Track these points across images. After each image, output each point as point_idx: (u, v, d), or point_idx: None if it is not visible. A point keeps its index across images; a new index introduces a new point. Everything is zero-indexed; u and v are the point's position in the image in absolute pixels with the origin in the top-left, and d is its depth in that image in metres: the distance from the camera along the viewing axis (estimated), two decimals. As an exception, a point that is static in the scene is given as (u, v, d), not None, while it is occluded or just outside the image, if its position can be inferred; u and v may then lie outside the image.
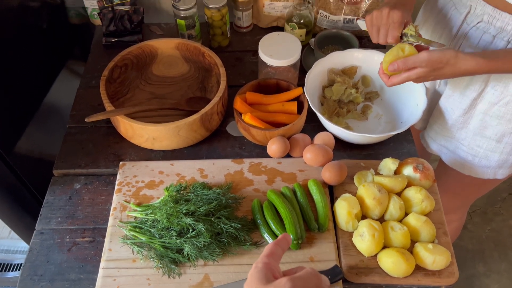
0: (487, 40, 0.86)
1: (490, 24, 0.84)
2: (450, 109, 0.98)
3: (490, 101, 0.90)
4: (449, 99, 0.97)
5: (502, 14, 0.82)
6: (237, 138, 1.01)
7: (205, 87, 1.08)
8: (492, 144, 0.95)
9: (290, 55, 1.00)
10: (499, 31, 0.84)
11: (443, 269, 0.79)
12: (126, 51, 1.02)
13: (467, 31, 0.89)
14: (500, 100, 0.89)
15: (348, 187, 0.90)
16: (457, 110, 0.96)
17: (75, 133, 1.02)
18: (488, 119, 0.93)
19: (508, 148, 0.95)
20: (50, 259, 0.83)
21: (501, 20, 0.82)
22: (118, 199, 0.88)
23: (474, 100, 0.93)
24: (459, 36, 0.91)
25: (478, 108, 0.93)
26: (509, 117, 0.90)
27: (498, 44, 0.85)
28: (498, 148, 0.96)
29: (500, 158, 0.97)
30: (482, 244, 1.79)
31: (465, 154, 1.01)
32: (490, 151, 0.97)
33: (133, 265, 0.80)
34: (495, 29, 0.84)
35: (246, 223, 0.83)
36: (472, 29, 0.88)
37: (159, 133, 0.91)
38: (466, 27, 0.89)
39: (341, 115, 1.03)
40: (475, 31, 0.87)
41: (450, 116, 0.98)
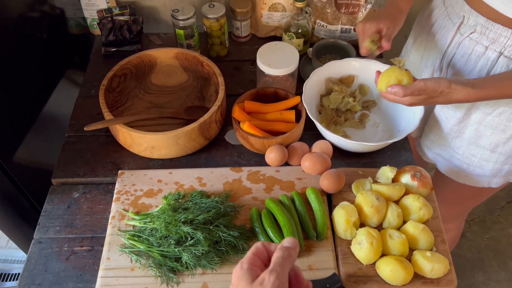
0: (480, 51, 0.87)
1: (483, 34, 0.85)
2: (445, 118, 0.99)
3: (484, 111, 0.91)
4: (444, 108, 0.98)
5: (494, 26, 0.83)
6: (235, 147, 1.01)
7: (203, 96, 1.09)
8: (486, 153, 0.96)
9: (288, 64, 1.00)
10: (492, 42, 0.85)
11: (442, 277, 0.79)
12: (125, 61, 1.03)
13: (460, 41, 0.90)
14: (493, 110, 0.90)
15: (346, 195, 0.90)
16: (452, 119, 0.97)
17: (74, 142, 1.02)
18: (482, 129, 0.93)
19: (502, 158, 0.96)
20: (48, 268, 0.83)
21: (494, 31, 0.83)
22: (117, 208, 0.88)
23: (468, 109, 0.94)
24: (453, 46, 0.92)
25: (473, 117, 0.94)
26: (502, 128, 0.91)
27: (490, 55, 0.86)
28: (492, 158, 0.96)
29: (494, 168, 0.98)
30: (481, 253, 1.78)
31: (460, 162, 1.01)
32: (485, 161, 0.97)
33: (132, 274, 0.79)
34: (488, 40, 0.85)
35: (244, 232, 0.83)
36: (465, 40, 0.89)
37: (157, 141, 0.91)
38: (459, 37, 0.90)
39: (339, 123, 1.04)
40: (468, 42, 0.89)
41: (445, 125, 0.99)
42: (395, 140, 0.93)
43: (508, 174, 0.99)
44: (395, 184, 0.89)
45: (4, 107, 0.99)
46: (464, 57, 0.90)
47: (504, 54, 0.84)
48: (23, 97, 1.07)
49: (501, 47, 0.84)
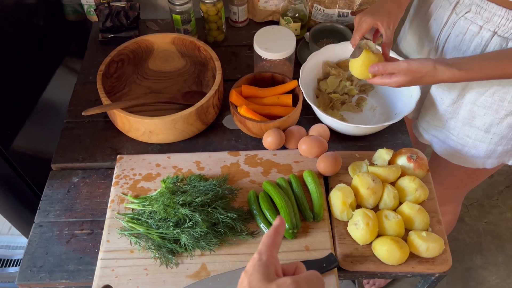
0: (474, 30, 0.87)
1: (478, 14, 0.85)
2: (440, 99, 0.99)
3: (477, 91, 0.91)
4: (439, 89, 0.98)
5: (489, 5, 0.83)
6: (233, 131, 1.02)
7: (201, 81, 1.09)
8: (480, 134, 0.96)
9: (285, 48, 1.01)
10: (486, 21, 0.85)
11: (437, 257, 0.80)
12: (122, 46, 1.03)
13: (455, 21, 0.90)
14: (486, 90, 0.90)
15: (343, 177, 0.91)
16: (446, 100, 0.98)
17: (72, 128, 1.03)
18: (476, 109, 0.94)
19: (496, 138, 0.96)
20: (49, 251, 0.84)
21: (488, 10, 0.84)
22: (116, 192, 0.89)
23: (462, 90, 0.94)
24: (448, 25, 0.92)
25: (467, 98, 0.94)
26: (495, 108, 0.91)
27: (484, 34, 0.86)
28: (486, 138, 0.97)
29: (488, 148, 0.98)
30: (480, 237, 1.80)
31: (455, 143, 1.02)
32: (479, 141, 0.98)
33: (131, 256, 0.81)
34: (482, 19, 0.85)
35: (242, 214, 0.84)
36: (461, 19, 0.89)
37: (155, 126, 0.92)
38: (454, 17, 0.90)
39: (336, 107, 1.04)
40: (463, 21, 0.89)
41: (440, 106, 0.99)
42: (392, 122, 0.94)
43: (502, 155, 1.00)
44: (391, 166, 0.89)
45: (3, 95, 0.99)
46: (458, 37, 0.90)
47: (497, 33, 0.84)
48: (22, 84, 1.07)
49: (495, 26, 0.84)
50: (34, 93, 1.12)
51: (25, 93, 1.09)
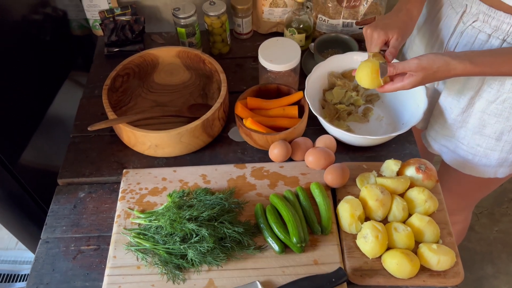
0: (483, 39, 0.86)
1: (486, 23, 0.85)
2: (449, 108, 0.98)
3: (487, 99, 0.90)
4: (448, 98, 0.98)
5: (497, 13, 0.82)
6: (239, 144, 1.02)
7: (206, 94, 1.09)
8: (492, 142, 0.95)
9: (290, 60, 1.00)
10: (495, 29, 0.84)
11: (448, 270, 0.79)
12: (127, 60, 1.04)
13: (463, 30, 0.89)
14: (497, 98, 0.89)
15: (351, 189, 0.90)
16: (456, 109, 0.96)
17: (78, 143, 1.03)
18: (487, 118, 0.93)
19: (507, 146, 0.95)
20: (56, 268, 0.84)
21: (496, 18, 0.83)
22: (122, 207, 0.89)
23: (471, 98, 0.93)
24: (456, 35, 0.91)
25: (476, 106, 0.93)
26: (506, 115, 0.90)
27: (494, 42, 0.85)
28: (497, 146, 0.95)
29: (500, 157, 0.97)
30: (490, 246, 1.77)
31: (465, 153, 1.00)
32: (490, 150, 0.96)
33: (138, 272, 0.80)
34: (491, 28, 0.84)
35: (249, 228, 0.83)
36: (468, 28, 0.88)
37: (161, 140, 0.91)
38: (462, 26, 0.89)
39: (342, 118, 1.03)
40: (471, 30, 0.88)
41: (449, 115, 0.98)
42: (399, 133, 0.93)
43: (499, 161, 0.98)
44: (399, 177, 0.88)
45: (10, 109, 1.00)
46: (467, 46, 0.89)
47: (507, 41, 0.83)
48: (28, 99, 1.08)
49: (504, 34, 0.83)
50: (41, 108, 1.13)
51: (32, 107, 1.09)
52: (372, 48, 0.87)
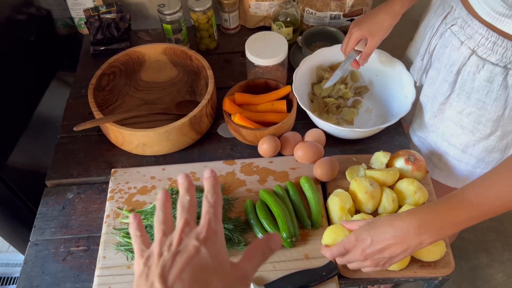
0: (455, 45, 0.84)
1: (462, 29, 0.82)
2: (424, 110, 0.97)
3: (455, 109, 0.88)
4: (424, 99, 0.96)
5: (473, 21, 0.80)
6: (228, 140, 1.01)
7: (194, 90, 1.08)
8: (458, 153, 0.93)
9: (277, 54, 1.00)
10: (468, 37, 0.81)
11: (439, 260, 0.79)
12: (113, 59, 1.02)
13: (443, 31, 0.87)
14: (463, 109, 0.87)
15: (341, 182, 0.90)
16: (429, 111, 0.95)
17: (66, 143, 1.02)
18: (454, 127, 0.90)
19: (473, 160, 0.92)
20: (45, 270, 0.83)
21: (471, 27, 0.80)
22: (111, 207, 0.88)
23: (442, 104, 0.91)
24: (437, 35, 0.89)
25: (446, 114, 0.91)
26: (471, 129, 0.88)
27: (463, 51, 0.82)
28: (463, 158, 0.93)
29: (466, 169, 0.94)
30: (485, 235, 1.78)
31: (437, 159, 0.99)
32: (457, 160, 0.94)
33: (128, 272, 0.79)
34: (465, 35, 0.82)
35: (239, 224, 0.83)
36: (447, 31, 0.86)
37: (149, 138, 0.91)
38: (443, 27, 0.87)
39: (331, 111, 1.03)
40: (448, 33, 0.86)
41: (425, 115, 0.97)
42: (388, 124, 0.92)
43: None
44: (389, 169, 0.88)
45: (-5, 111, 0.99)
46: (441, 49, 0.88)
47: (476, 53, 0.80)
48: (15, 100, 1.06)
49: (474, 44, 0.80)
50: (28, 109, 1.12)
51: (19, 108, 1.08)
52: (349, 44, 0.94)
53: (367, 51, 0.93)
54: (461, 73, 0.84)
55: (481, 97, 0.83)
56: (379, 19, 0.91)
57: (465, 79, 0.84)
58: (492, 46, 0.78)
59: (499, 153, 0.90)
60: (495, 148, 0.89)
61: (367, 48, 0.93)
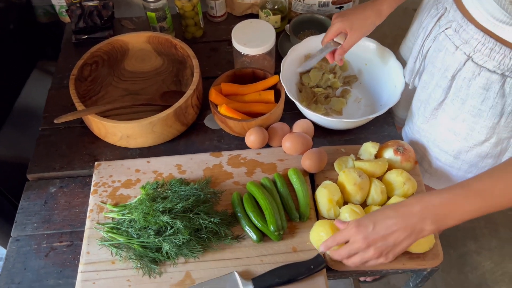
0: (450, 50, 0.80)
1: (457, 33, 0.79)
2: (416, 113, 0.94)
3: (449, 115, 0.85)
4: (417, 102, 0.93)
5: (469, 26, 0.76)
6: (215, 131, 0.99)
7: (180, 80, 1.06)
8: (450, 159, 0.91)
9: (265, 43, 0.97)
10: (463, 42, 0.78)
11: (427, 252, 0.78)
12: (95, 48, 0.99)
13: (437, 34, 0.84)
14: (457, 116, 0.84)
15: (329, 174, 0.88)
16: (421, 116, 0.92)
17: (48, 135, 0.99)
18: (447, 133, 0.88)
19: (465, 166, 0.90)
20: (28, 266, 0.81)
21: (467, 31, 0.77)
22: (95, 201, 0.86)
23: (435, 109, 0.88)
24: (430, 38, 0.86)
25: (439, 119, 0.88)
26: (464, 136, 0.85)
27: (459, 57, 0.79)
28: (455, 164, 0.91)
29: (458, 175, 0.92)
30: (473, 222, 1.79)
31: (427, 164, 0.97)
32: (448, 166, 0.92)
33: (113, 267, 0.78)
34: (460, 39, 0.78)
35: (226, 217, 0.81)
36: (441, 35, 0.82)
37: (132, 130, 0.88)
38: (437, 30, 0.84)
39: (320, 101, 1.01)
40: (442, 37, 0.82)
41: (417, 119, 0.94)
42: (377, 114, 0.91)
43: None
44: (377, 160, 0.87)
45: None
46: (435, 52, 0.84)
47: (472, 59, 0.76)
48: (-6, 91, 1.03)
49: (470, 50, 0.77)
50: (8, 100, 1.08)
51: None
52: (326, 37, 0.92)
53: (345, 46, 0.90)
54: (456, 78, 0.81)
55: (476, 104, 0.80)
56: (364, 15, 0.88)
57: (460, 85, 0.80)
58: (489, 52, 0.74)
59: (493, 159, 0.87)
60: (488, 154, 0.86)
61: (345, 42, 0.90)
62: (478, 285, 1.63)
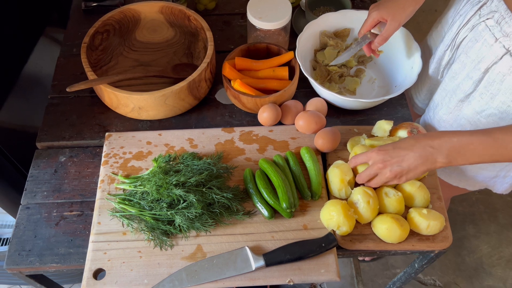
0: (489, 42, 0.78)
1: (498, 24, 0.77)
2: (440, 104, 0.93)
3: (475, 108, 0.85)
4: (443, 92, 0.92)
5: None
6: (226, 106, 0.98)
7: (191, 53, 1.04)
8: None
9: (280, 18, 0.95)
10: (504, 35, 0.76)
11: (437, 234, 0.79)
12: (107, 16, 0.97)
13: (475, 24, 0.81)
14: (483, 110, 0.83)
15: (341, 153, 0.88)
16: (445, 107, 0.91)
17: (57, 104, 0.98)
18: (469, 127, 0.87)
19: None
20: (38, 234, 0.81)
21: (509, 24, 0.75)
22: (106, 171, 0.86)
23: (460, 101, 0.87)
24: (468, 27, 0.84)
25: (463, 112, 0.87)
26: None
27: (496, 49, 0.77)
28: None
29: (472, 170, 0.92)
30: (472, 207, 1.81)
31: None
32: None
33: (124, 238, 0.78)
34: (501, 32, 0.76)
35: (238, 193, 0.81)
36: (481, 24, 0.80)
37: (145, 102, 0.87)
38: (477, 19, 0.81)
39: (334, 80, 1.00)
40: (482, 27, 0.80)
41: (439, 110, 0.93)
42: (392, 96, 0.90)
43: (486, 179, 0.94)
44: (388, 137, 0.86)
45: (-19, 68, 0.93)
46: (471, 42, 0.82)
47: (511, 53, 0.75)
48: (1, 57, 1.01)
49: (510, 44, 0.75)
50: (15, 67, 1.06)
51: (5, 66, 1.02)
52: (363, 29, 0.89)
53: (385, 34, 0.87)
54: (490, 72, 0.79)
55: (506, 101, 0.79)
56: (403, 2, 0.85)
57: (493, 79, 0.79)
58: None
59: None
60: None
61: (385, 31, 0.86)
62: (475, 268, 1.66)
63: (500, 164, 0.89)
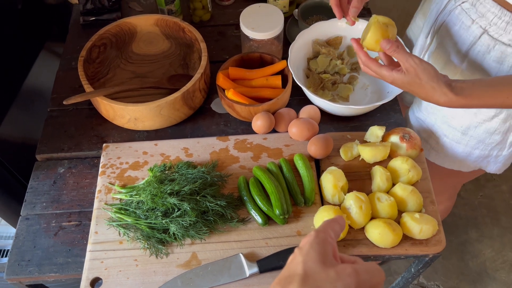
0: (466, 24, 0.81)
1: (473, 6, 0.79)
2: None
3: None
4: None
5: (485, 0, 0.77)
6: (221, 115, 0.99)
7: (187, 64, 1.06)
8: (457, 135, 0.92)
9: (273, 27, 0.97)
10: (479, 16, 0.78)
11: (430, 238, 0.79)
12: (103, 30, 0.99)
13: (452, 8, 0.84)
14: None
15: (335, 159, 0.89)
16: None
17: (56, 117, 1.00)
18: (455, 109, 0.88)
19: (473, 142, 0.91)
20: (37, 244, 0.83)
21: (484, 5, 0.77)
22: (103, 182, 0.87)
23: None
24: (445, 12, 0.86)
25: None
26: (475, 111, 0.86)
27: (474, 30, 0.79)
28: (463, 140, 0.92)
29: (465, 151, 0.94)
30: (475, 211, 1.80)
31: (434, 142, 0.98)
32: (455, 142, 0.93)
33: (120, 247, 0.79)
34: (476, 13, 0.79)
35: (232, 200, 0.83)
36: (457, 8, 0.82)
37: (140, 113, 0.89)
38: (452, 4, 0.84)
39: (327, 87, 1.01)
40: (458, 11, 0.82)
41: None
42: (384, 101, 0.91)
43: (479, 160, 0.95)
44: (379, 144, 0.87)
45: (-18, 83, 0.96)
46: (450, 27, 0.85)
47: (488, 32, 0.78)
48: (3, 70, 1.03)
49: (486, 23, 0.77)
50: (16, 81, 1.09)
51: (7, 80, 1.05)
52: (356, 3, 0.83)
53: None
54: (470, 52, 0.81)
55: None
56: None
57: (474, 60, 0.81)
58: (505, 26, 0.75)
59: (500, 135, 0.88)
60: (497, 130, 0.87)
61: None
62: (478, 272, 1.65)
63: (491, 143, 0.91)
